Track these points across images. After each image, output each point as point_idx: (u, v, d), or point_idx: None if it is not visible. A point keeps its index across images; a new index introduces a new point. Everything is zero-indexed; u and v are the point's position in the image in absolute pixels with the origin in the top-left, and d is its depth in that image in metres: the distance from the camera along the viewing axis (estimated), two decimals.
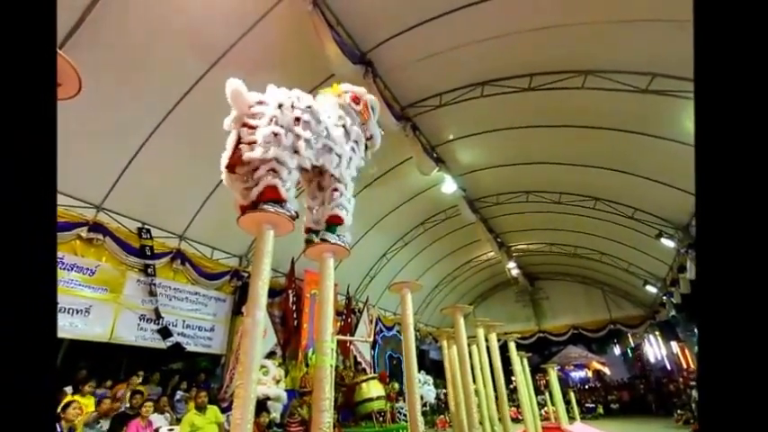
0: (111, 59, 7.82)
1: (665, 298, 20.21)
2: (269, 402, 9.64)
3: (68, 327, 8.92)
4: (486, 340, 7.46)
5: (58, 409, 6.32)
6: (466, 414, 5.65)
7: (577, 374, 29.07)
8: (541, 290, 29.48)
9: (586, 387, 27.81)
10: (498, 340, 7.82)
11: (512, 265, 22.79)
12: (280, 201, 3.04)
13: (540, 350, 27.94)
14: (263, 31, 8.56)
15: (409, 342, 4.27)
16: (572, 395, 15.57)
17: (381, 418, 11.42)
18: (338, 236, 3.79)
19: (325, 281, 3.55)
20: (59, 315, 8.66)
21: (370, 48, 9.75)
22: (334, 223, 3.76)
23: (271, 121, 3.12)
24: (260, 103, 3.19)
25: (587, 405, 23.31)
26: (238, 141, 3.11)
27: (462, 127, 13.47)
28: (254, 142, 3.03)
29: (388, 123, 10.33)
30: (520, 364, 9.43)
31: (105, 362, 11.46)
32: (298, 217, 3.25)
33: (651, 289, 21.21)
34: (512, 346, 9.25)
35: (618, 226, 16.92)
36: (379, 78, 10.21)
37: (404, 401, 11.96)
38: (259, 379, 3.28)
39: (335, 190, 3.80)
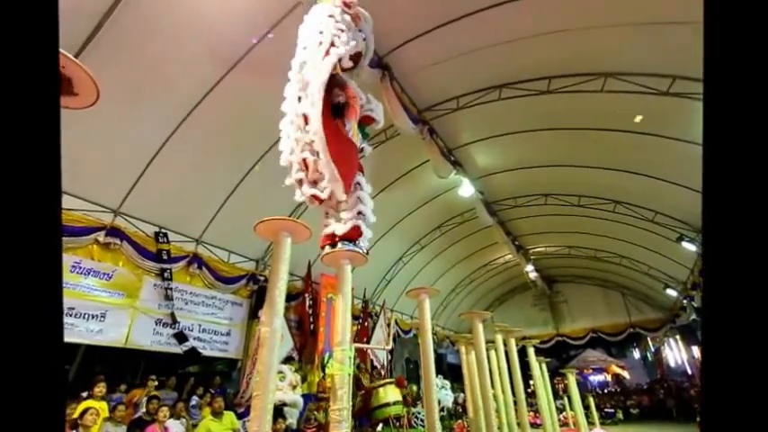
0: (128, 64, 7.84)
1: (685, 301, 19.94)
2: (285, 408, 9.57)
3: (84, 332, 8.90)
4: (505, 345, 7.36)
5: (76, 415, 6.34)
6: (484, 419, 5.56)
7: (596, 378, 28.67)
8: (560, 293, 29.26)
9: (605, 391, 27.37)
10: (516, 345, 7.73)
11: (530, 268, 22.61)
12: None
13: (559, 354, 27.68)
14: (280, 36, 8.53)
15: (427, 348, 4.19)
16: (591, 400, 15.35)
17: (398, 423, 11.34)
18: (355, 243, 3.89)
19: (343, 288, 3.49)
20: (75, 320, 8.70)
21: (387, 51, 9.67)
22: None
23: None
24: None
25: (606, 410, 22.93)
26: None
27: (480, 130, 13.38)
28: None
29: (406, 127, 10.29)
30: (539, 369, 9.30)
31: (122, 367, 11.49)
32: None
33: (671, 292, 21.02)
34: (531, 351, 9.13)
35: (638, 229, 16.79)
36: (396, 82, 10.14)
37: (421, 406, 11.88)
38: (275, 384, 3.22)
39: None
